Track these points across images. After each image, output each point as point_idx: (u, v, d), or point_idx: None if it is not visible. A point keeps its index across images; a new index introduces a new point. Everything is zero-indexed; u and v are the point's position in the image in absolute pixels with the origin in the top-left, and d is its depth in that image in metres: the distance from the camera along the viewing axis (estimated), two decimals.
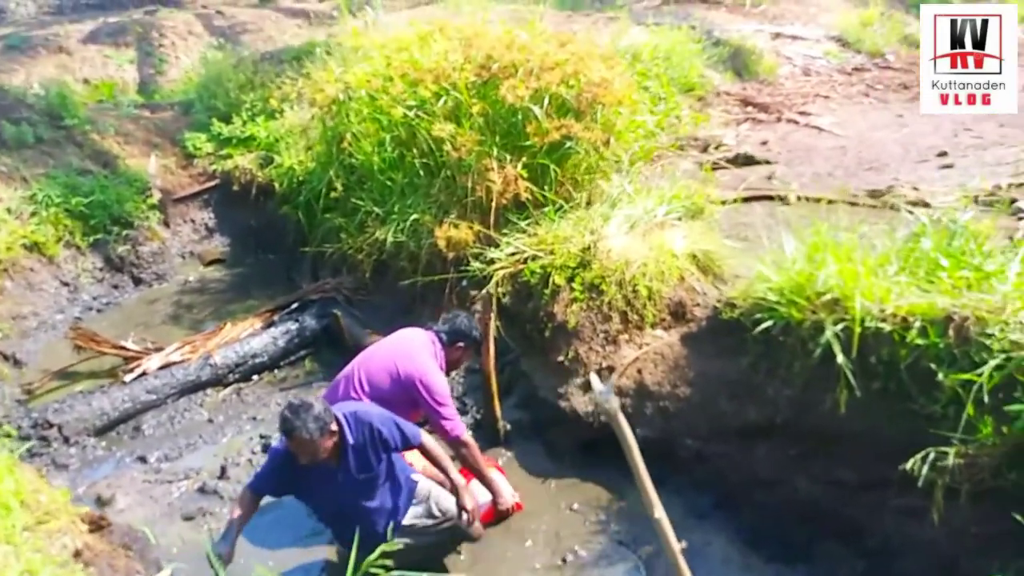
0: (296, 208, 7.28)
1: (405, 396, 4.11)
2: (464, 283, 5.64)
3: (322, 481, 3.52)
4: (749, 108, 9.71)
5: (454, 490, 3.80)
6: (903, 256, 3.93)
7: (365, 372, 4.18)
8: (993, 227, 4.59)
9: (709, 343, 4.48)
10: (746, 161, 7.74)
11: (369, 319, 6.12)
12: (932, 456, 3.19)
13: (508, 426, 4.95)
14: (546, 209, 5.60)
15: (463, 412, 5.16)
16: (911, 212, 4.75)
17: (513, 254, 5.37)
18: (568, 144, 5.71)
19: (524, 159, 5.67)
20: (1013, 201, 5.70)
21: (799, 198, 6.40)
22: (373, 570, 3.18)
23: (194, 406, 5.57)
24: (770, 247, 4.52)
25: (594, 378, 3.86)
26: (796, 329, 3.85)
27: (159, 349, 5.85)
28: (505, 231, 5.55)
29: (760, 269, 4.22)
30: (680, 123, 8.74)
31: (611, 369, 4.67)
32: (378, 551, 3.22)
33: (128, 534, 4.00)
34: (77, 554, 3.55)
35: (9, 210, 6.93)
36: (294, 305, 6.36)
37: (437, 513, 3.87)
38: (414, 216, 5.90)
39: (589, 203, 5.80)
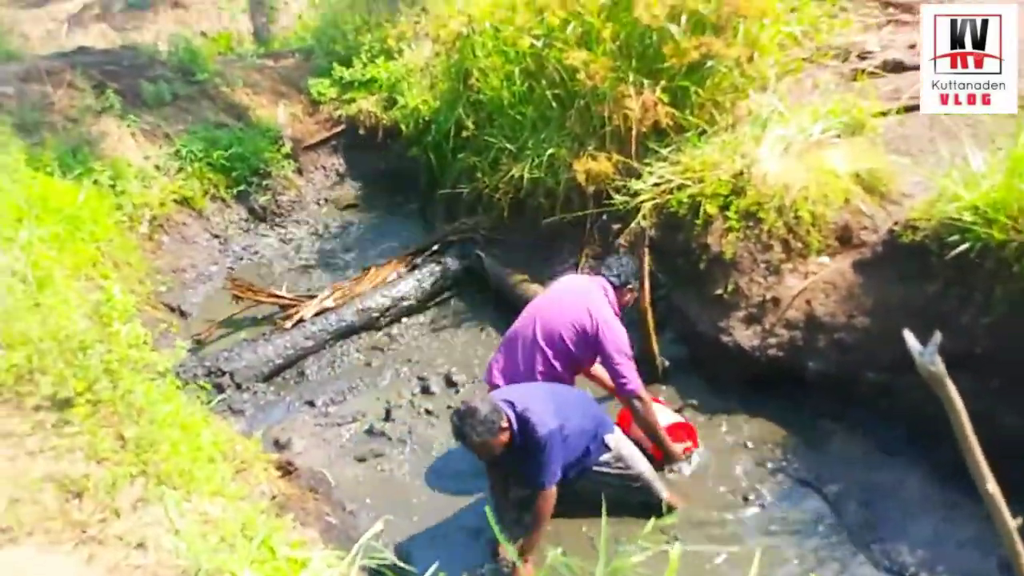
0: (425, 149, 7.25)
1: (587, 348, 4.03)
2: (604, 218, 5.50)
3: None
4: (890, 9, 8.91)
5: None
6: None
7: (542, 326, 4.04)
8: None
9: (886, 269, 4.19)
10: (895, 68, 7.12)
11: (508, 259, 6.08)
12: None
13: (667, 362, 4.83)
14: (688, 134, 5.35)
15: None
16: None
17: (658, 184, 5.17)
18: (708, 63, 5.38)
19: (662, 82, 5.38)
20: None
21: None
22: None
23: (351, 350, 5.74)
24: (952, 161, 4.15)
25: (909, 337, 3.59)
26: (996, 251, 3.54)
27: (311, 296, 6.03)
28: (647, 160, 5.32)
29: (946, 186, 3.88)
30: (815, 31, 8.17)
31: (775, 301, 4.48)
32: None
33: (312, 477, 4.19)
34: (272, 498, 3.75)
35: (158, 167, 7.23)
36: (434, 247, 6.40)
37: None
38: (549, 151, 5.73)
39: (733, 125, 5.50)
